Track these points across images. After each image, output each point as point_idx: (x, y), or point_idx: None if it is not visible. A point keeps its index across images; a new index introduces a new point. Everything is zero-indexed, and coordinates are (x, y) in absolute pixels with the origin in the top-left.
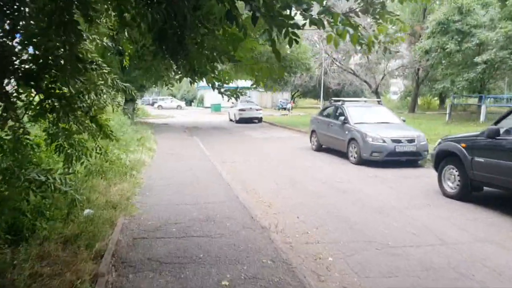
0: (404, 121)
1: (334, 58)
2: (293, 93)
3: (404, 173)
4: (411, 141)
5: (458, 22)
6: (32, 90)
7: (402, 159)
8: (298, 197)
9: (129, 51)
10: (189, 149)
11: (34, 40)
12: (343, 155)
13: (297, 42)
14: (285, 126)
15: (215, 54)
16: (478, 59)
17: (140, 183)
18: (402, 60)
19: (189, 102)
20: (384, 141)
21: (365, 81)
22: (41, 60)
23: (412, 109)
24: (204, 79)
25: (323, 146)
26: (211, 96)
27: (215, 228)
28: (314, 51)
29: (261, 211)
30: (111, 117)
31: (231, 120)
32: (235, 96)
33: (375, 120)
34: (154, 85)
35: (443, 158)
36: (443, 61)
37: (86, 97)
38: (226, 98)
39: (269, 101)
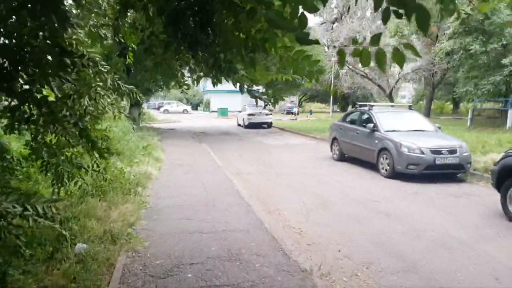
0: (439, 128)
1: (346, 61)
2: (300, 97)
3: (449, 190)
4: (452, 151)
5: (483, 21)
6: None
7: (443, 172)
8: (333, 222)
9: (132, 43)
10: (199, 158)
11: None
12: (371, 166)
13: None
14: (298, 132)
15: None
16: (505, 60)
17: (146, 203)
18: (415, 63)
19: (195, 106)
20: (422, 152)
21: (379, 85)
22: (13, 52)
23: (427, 114)
24: (232, 79)
25: (345, 156)
26: (218, 100)
27: (242, 271)
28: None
29: (292, 241)
30: (113, 124)
31: (239, 125)
32: (272, 101)
33: (408, 128)
34: (161, 89)
35: (509, 177)
36: (464, 63)
37: (77, 102)
38: (235, 102)
39: (276, 105)
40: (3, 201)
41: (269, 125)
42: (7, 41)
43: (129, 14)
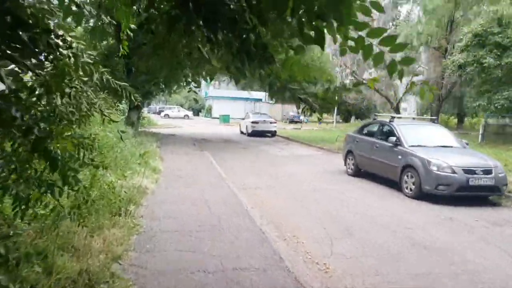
0: (467, 144)
1: (353, 71)
2: (303, 107)
3: (486, 215)
4: (487, 172)
5: (498, 34)
6: None
7: (476, 195)
8: (363, 256)
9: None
10: (201, 168)
11: None
12: (392, 184)
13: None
14: (304, 142)
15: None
16: None
17: (139, 226)
18: (422, 75)
19: (196, 112)
20: (453, 171)
21: (385, 97)
22: None
23: None
24: (261, 73)
25: (361, 170)
26: (220, 107)
27: None
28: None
29: (320, 284)
30: (107, 129)
31: (242, 132)
32: (321, 108)
33: (434, 143)
34: (162, 92)
35: None
36: (476, 77)
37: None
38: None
39: (279, 114)
40: None
41: (273, 133)
42: None
43: None
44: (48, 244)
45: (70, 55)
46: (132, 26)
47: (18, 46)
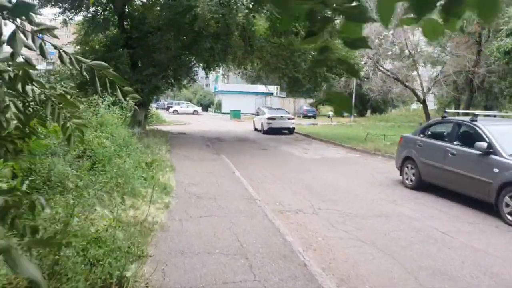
0: None
1: (378, 62)
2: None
3: None
4: None
5: None
6: None
7: None
8: None
9: None
10: (223, 182)
11: None
12: (480, 205)
13: None
14: (329, 141)
15: None
16: None
17: None
18: (445, 65)
19: (205, 108)
20: None
21: (412, 89)
22: None
23: None
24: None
25: (425, 182)
26: (229, 102)
27: None
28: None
29: None
30: (103, 134)
31: (256, 129)
32: None
33: None
34: (171, 87)
35: None
36: None
37: None
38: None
39: (291, 108)
40: None
41: (291, 130)
42: None
43: None
44: None
45: None
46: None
47: None
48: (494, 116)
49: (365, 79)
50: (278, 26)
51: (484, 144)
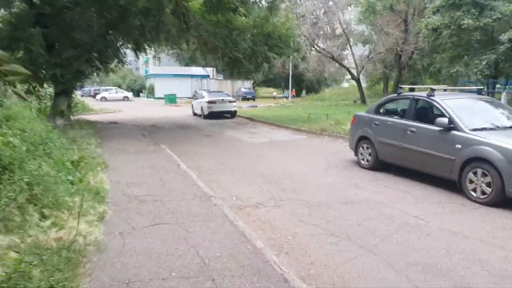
0: None
1: (314, 41)
2: (253, 82)
3: None
4: None
5: None
6: None
7: None
8: None
9: None
10: (168, 178)
11: None
12: (443, 183)
13: None
14: (273, 123)
15: None
16: (504, 37)
17: None
18: (376, 43)
19: (136, 93)
20: None
21: (347, 68)
22: None
23: None
24: None
25: (383, 161)
26: (163, 85)
27: None
28: None
29: None
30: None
31: (195, 114)
32: None
33: (501, 123)
34: (97, 71)
35: None
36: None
37: None
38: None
39: (229, 90)
40: None
41: (233, 114)
42: None
43: None
44: None
45: None
46: None
47: None
48: (445, 90)
49: (301, 59)
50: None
51: (445, 120)
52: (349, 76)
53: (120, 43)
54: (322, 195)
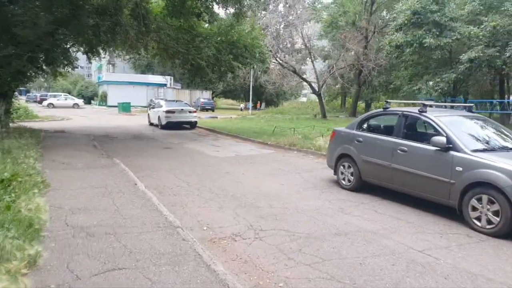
0: None
1: (276, 54)
2: (212, 92)
3: None
4: None
5: (436, 13)
6: None
7: None
8: None
9: None
10: (123, 203)
11: None
12: (435, 209)
13: None
14: (236, 135)
15: None
16: (464, 57)
17: None
18: (337, 59)
19: (88, 100)
20: None
21: (308, 82)
22: None
23: (353, 113)
24: None
25: (366, 182)
26: (117, 93)
27: None
28: None
29: None
30: None
31: (152, 124)
32: None
33: (499, 144)
34: (41, 73)
35: None
36: (412, 59)
37: None
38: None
39: (186, 100)
40: None
41: (193, 125)
42: None
43: None
44: None
45: None
46: None
47: None
48: (430, 106)
49: (262, 71)
50: (176, 4)
51: (442, 139)
52: (306, 91)
53: (71, 43)
54: (308, 224)
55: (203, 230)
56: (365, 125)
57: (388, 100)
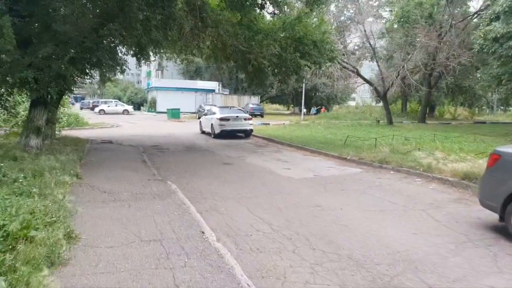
0: None
1: (343, 55)
2: (261, 98)
3: None
4: None
5: None
6: None
7: None
8: None
9: None
10: (184, 271)
11: None
12: None
13: None
14: (300, 146)
15: None
16: None
17: None
18: (409, 59)
19: (137, 106)
20: None
21: (371, 84)
22: None
23: (423, 119)
24: None
25: None
26: (166, 99)
27: None
28: None
29: None
30: None
31: (203, 132)
32: None
33: None
34: (87, 77)
35: None
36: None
37: None
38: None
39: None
40: None
41: (248, 133)
42: None
43: None
44: None
45: None
46: None
47: None
48: None
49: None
50: None
51: None
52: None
53: (117, 41)
54: None
55: None
56: None
57: None
